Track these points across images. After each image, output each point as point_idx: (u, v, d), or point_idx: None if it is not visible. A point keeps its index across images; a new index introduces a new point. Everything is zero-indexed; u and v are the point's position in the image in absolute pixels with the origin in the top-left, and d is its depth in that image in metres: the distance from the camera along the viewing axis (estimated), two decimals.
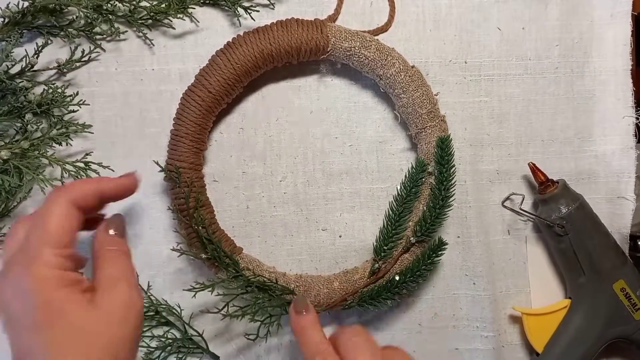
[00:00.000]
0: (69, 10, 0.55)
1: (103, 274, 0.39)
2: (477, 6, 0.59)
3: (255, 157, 0.58)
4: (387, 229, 0.55)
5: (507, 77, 0.59)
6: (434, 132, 0.55)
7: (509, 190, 0.59)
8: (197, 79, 0.53)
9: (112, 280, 0.39)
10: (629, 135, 0.59)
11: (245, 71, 0.53)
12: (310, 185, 0.58)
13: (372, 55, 0.54)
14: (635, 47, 0.60)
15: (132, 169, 0.56)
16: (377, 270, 0.55)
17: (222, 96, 0.53)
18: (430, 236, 0.55)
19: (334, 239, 0.59)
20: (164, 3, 0.56)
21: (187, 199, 0.52)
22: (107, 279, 0.39)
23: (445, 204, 0.54)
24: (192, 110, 0.53)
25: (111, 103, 0.57)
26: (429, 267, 0.54)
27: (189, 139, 0.53)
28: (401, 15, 0.58)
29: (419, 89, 0.54)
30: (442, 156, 0.54)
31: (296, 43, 0.53)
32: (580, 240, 0.55)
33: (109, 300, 0.37)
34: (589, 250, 0.54)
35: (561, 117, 0.60)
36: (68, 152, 0.56)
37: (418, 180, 0.55)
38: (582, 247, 0.55)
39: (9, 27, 0.53)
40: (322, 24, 0.54)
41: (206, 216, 0.53)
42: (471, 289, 0.59)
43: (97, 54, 0.56)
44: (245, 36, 0.53)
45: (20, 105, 0.52)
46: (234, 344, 0.57)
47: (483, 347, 0.58)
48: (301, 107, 0.58)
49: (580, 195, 0.56)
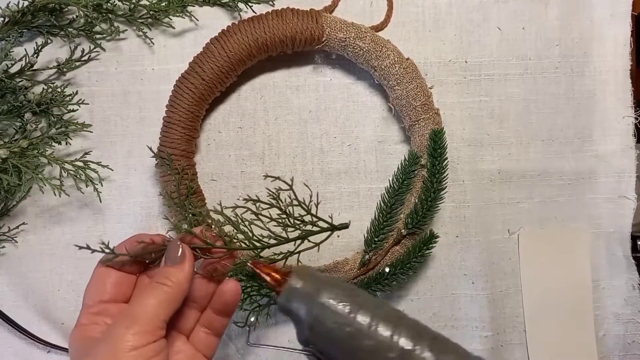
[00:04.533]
0: (68, 9, 0.56)
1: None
2: (477, 6, 0.59)
3: (254, 156, 0.58)
4: (378, 221, 0.55)
5: (507, 76, 0.59)
6: (428, 125, 0.55)
7: (509, 190, 0.59)
8: (190, 66, 0.54)
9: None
10: (629, 135, 0.59)
11: (239, 60, 0.53)
12: (309, 184, 0.58)
13: (366, 46, 0.54)
14: (635, 47, 0.59)
15: (132, 168, 0.57)
16: (368, 262, 0.55)
17: (215, 84, 0.53)
18: (421, 229, 0.55)
19: (333, 238, 0.58)
20: (164, 2, 0.56)
21: (177, 185, 0.52)
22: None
23: (437, 196, 0.54)
24: (185, 97, 0.53)
25: (111, 102, 0.57)
26: (420, 259, 0.54)
27: (181, 126, 0.53)
28: (401, 15, 0.58)
29: (413, 81, 0.54)
30: (435, 149, 0.54)
31: (291, 32, 0.53)
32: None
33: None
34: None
35: (561, 117, 0.60)
36: (67, 151, 0.56)
37: (410, 172, 0.55)
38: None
39: (8, 27, 0.53)
40: (318, 14, 0.55)
41: (197, 204, 0.53)
42: (470, 288, 0.59)
43: (97, 54, 0.56)
44: (240, 25, 0.53)
45: (19, 105, 0.52)
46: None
47: (482, 347, 0.58)
48: (300, 107, 0.58)
49: (317, 299, 0.37)
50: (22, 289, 0.56)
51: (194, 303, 0.42)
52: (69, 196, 0.55)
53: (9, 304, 0.56)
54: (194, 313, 0.43)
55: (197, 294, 0.42)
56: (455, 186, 0.58)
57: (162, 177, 0.54)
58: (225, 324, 0.43)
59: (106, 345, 0.35)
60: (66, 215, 0.56)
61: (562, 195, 0.60)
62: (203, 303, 0.43)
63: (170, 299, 0.38)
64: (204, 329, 0.43)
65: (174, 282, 0.38)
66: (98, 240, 0.55)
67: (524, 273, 0.59)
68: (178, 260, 0.39)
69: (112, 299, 0.40)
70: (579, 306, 0.59)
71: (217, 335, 0.44)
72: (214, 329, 0.43)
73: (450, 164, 0.55)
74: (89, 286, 0.41)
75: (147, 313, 0.36)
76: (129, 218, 0.57)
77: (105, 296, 0.40)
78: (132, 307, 0.37)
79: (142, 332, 0.35)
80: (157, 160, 0.53)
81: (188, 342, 0.42)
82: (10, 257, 0.56)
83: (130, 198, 0.57)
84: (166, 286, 0.38)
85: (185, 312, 0.42)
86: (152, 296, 0.37)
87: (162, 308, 0.37)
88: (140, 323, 0.36)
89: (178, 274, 0.39)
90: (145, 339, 0.35)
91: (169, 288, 0.38)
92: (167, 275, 0.39)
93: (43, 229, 0.56)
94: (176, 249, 0.40)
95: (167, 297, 0.38)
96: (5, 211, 0.55)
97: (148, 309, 0.37)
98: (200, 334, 0.43)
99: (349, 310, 0.35)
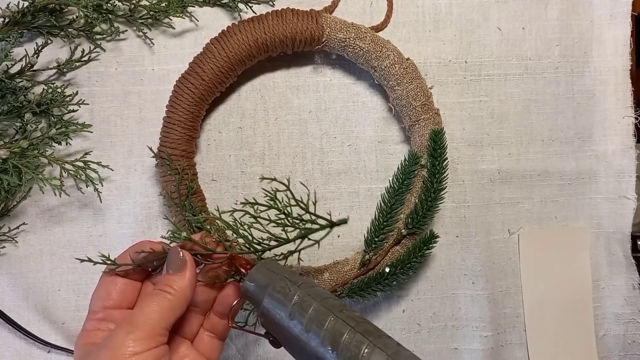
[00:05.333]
0: (68, 10, 0.56)
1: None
2: (477, 6, 0.59)
3: (254, 157, 0.58)
4: (378, 221, 0.55)
5: (507, 77, 0.59)
6: (428, 125, 0.55)
7: (509, 190, 0.59)
8: (190, 66, 0.54)
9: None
10: (629, 135, 0.59)
11: (239, 60, 0.53)
12: (309, 184, 0.58)
13: (366, 46, 0.54)
14: (635, 47, 0.60)
15: (132, 168, 0.57)
16: (368, 262, 0.55)
17: (215, 84, 0.53)
18: (421, 229, 0.55)
19: (333, 238, 0.58)
20: (164, 2, 0.56)
21: (178, 185, 0.52)
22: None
23: (437, 196, 0.54)
24: (185, 97, 0.53)
25: (111, 103, 0.57)
26: (420, 259, 0.54)
27: (181, 126, 0.53)
28: (401, 15, 0.58)
29: (413, 81, 0.54)
30: (435, 149, 0.54)
31: (291, 33, 0.53)
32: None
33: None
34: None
35: (561, 117, 0.60)
36: (67, 151, 0.56)
37: (410, 172, 0.55)
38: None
39: (8, 27, 0.53)
40: (318, 14, 0.55)
41: (197, 204, 0.53)
42: (470, 288, 0.59)
43: (97, 54, 0.57)
44: (240, 25, 0.54)
45: (19, 105, 0.52)
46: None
47: (482, 346, 0.58)
48: (300, 107, 0.58)
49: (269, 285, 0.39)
50: (23, 289, 0.56)
51: (197, 307, 0.42)
52: (69, 196, 0.55)
53: (9, 304, 0.56)
54: (197, 317, 0.43)
55: (200, 298, 0.42)
56: (455, 186, 0.58)
57: (162, 177, 0.54)
58: (228, 327, 0.43)
59: (107, 350, 0.35)
60: (66, 215, 0.56)
61: (562, 195, 0.60)
62: (206, 307, 0.43)
63: (173, 307, 0.38)
64: (208, 332, 0.43)
65: (176, 290, 0.39)
66: (98, 240, 0.57)
67: (524, 273, 0.59)
68: (179, 268, 0.40)
69: (117, 305, 0.40)
70: (579, 306, 0.60)
71: (221, 339, 0.44)
72: (217, 332, 0.43)
73: (450, 164, 0.55)
74: (95, 293, 0.41)
75: (148, 320, 0.37)
76: (129, 218, 0.57)
77: (109, 302, 0.40)
78: (134, 314, 0.37)
79: (143, 338, 0.36)
80: (157, 160, 0.53)
81: (192, 346, 0.42)
82: (11, 257, 0.56)
83: (130, 198, 0.57)
84: (169, 294, 0.38)
85: (188, 317, 0.42)
86: (154, 303, 0.38)
87: (164, 315, 0.38)
88: (141, 329, 0.36)
89: (180, 282, 0.39)
90: (146, 344, 0.36)
91: (171, 296, 0.38)
92: (169, 283, 0.39)
93: (43, 229, 0.56)
94: (177, 256, 0.40)
95: (170, 304, 0.38)
96: (6, 211, 0.55)
97: (150, 315, 0.37)
98: (204, 338, 0.43)
99: (292, 302, 0.37)
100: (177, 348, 0.42)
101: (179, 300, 0.39)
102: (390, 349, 0.34)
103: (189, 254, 0.40)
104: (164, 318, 0.38)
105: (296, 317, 0.36)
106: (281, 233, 0.43)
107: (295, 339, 0.36)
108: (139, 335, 0.36)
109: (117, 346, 0.35)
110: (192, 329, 0.43)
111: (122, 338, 0.35)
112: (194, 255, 0.41)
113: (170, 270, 0.40)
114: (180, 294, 0.39)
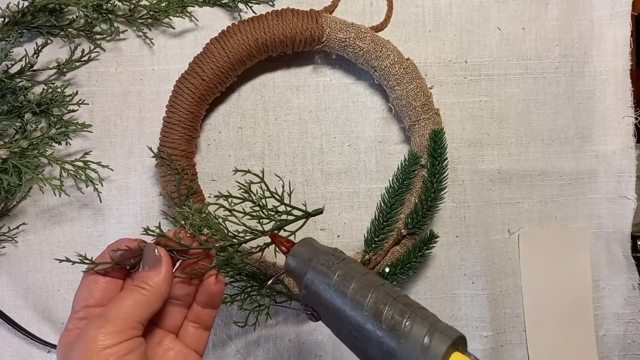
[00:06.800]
0: (68, 10, 0.56)
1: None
2: (477, 6, 0.59)
3: (254, 157, 0.58)
4: (378, 221, 0.55)
5: (507, 77, 0.59)
6: (428, 125, 0.55)
7: (509, 190, 0.59)
8: (190, 66, 0.54)
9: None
10: (629, 135, 0.59)
11: (239, 60, 0.53)
12: (309, 184, 0.58)
13: (366, 46, 0.54)
14: (635, 47, 0.60)
15: (132, 168, 0.57)
16: (368, 262, 0.55)
17: (215, 84, 0.53)
18: (421, 229, 0.55)
19: (332, 238, 0.59)
20: (164, 2, 0.56)
21: (178, 185, 0.52)
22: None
23: (437, 196, 0.54)
24: (185, 97, 0.53)
25: (111, 103, 0.57)
26: (420, 259, 0.54)
27: (181, 126, 0.53)
28: (401, 15, 0.58)
29: (413, 81, 0.54)
30: (435, 149, 0.54)
31: (291, 33, 0.53)
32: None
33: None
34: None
35: (561, 117, 0.60)
36: (67, 151, 0.56)
37: (410, 172, 0.55)
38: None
39: (8, 27, 0.53)
40: (318, 14, 0.55)
41: (197, 203, 0.53)
42: (470, 288, 0.59)
43: (97, 54, 0.56)
44: (240, 25, 0.54)
45: (19, 105, 0.52)
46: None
47: (482, 346, 0.58)
48: (300, 107, 0.58)
49: (309, 266, 0.39)
50: (22, 289, 0.56)
51: (179, 301, 0.43)
52: (69, 196, 0.55)
53: (9, 304, 0.56)
54: (180, 310, 0.43)
55: (180, 292, 0.42)
56: (455, 186, 0.59)
57: (162, 177, 0.54)
58: (213, 316, 0.44)
59: (80, 344, 0.36)
60: (66, 215, 0.56)
61: (562, 195, 0.60)
62: (188, 300, 0.43)
63: (148, 302, 0.39)
64: (193, 323, 0.43)
65: (151, 286, 0.39)
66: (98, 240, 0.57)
67: (524, 273, 0.59)
68: (155, 264, 0.40)
69: (99, 303, 0.40)
70: (579, 306, 0.60)
71: (207, 329, 0.44)
72: (202, 322, 0.43)
73: (450, 164, 0.55)
74: (77, 292, 0.41)
75: (120, 314, 0.37)
76: (129, 218, 0.57)
77: (90, 301, 0.40)
78: (108, 309, 0.38)
79: (114, 331, 0.36)
80: (157, 160, 0.53)
81: (177, 339, 0.43)
82: (11, 257, 0.56)
83: (130, 198, 0.57)
84: (143, 289, 0.39)
85: (170, 311, 0.42)
86: (129, 298, 0.38)
87: (138, 310, 0.38)
88: (112, 323, 0.36)
89: (155, 278, 0.39)
90: (117, 337, 0.36)
91: (146, 291, 0.39)
92: (145, 279, 0.39)
93: (43, 229, 0.56)
94: (152, 253, 0.40)
95: (144, 299, 0.38)
96: (6, 211, 0.55)
97: (122, 310, 0.37)
98: (189, 329, 0.43)
99: (336, 274, 0.38)
100: (161, 341, 0.42)
101: (154, 296, 0.39)
102: (430, 320, 0.35)
103: (164, 250, 0.40)
104: (138, 313, 0.38)
105: (340, 288, 0.37)
106: (256, 225, 0.43)
107: (338, 310, 0.37)
108: (110, 329, 0.36)
109: (89, 340, 0.35)
110: (176, 322, 0.43)
111: (94, 332, 0.36)
112: (169, 252, 0.41)
113: (146, 266, 0.40)
114: (155, 290, 0.39)
